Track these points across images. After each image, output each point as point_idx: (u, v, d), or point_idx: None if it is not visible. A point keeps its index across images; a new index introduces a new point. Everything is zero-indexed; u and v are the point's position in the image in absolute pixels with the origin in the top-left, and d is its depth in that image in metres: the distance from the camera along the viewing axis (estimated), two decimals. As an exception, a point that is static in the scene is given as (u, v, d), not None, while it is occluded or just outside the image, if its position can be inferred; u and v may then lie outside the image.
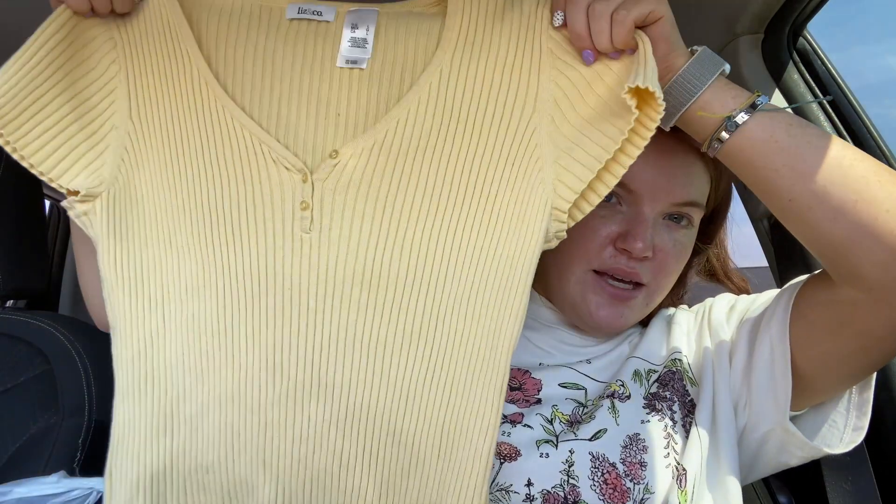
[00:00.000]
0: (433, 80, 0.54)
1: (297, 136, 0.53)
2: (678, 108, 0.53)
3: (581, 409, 0.64)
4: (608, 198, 0.63)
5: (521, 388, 0.65)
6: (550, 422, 0.62)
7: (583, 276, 0.67)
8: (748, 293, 0.74)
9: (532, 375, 0.66)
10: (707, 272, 0.78)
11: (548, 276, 0.70)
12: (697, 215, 0.69)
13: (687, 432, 0.63)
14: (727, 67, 0.53)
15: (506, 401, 0.63)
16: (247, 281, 0.51)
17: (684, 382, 0.67)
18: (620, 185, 0.61)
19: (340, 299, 0.50)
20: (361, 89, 0.54)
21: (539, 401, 0.64)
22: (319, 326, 0.50)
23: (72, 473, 0.73)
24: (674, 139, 0.62)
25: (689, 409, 0.65)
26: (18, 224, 0.92)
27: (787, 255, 0.86)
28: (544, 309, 0.72)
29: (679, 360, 0.68)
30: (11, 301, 1.03)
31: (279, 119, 0.54)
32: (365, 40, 0.55)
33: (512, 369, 0.66)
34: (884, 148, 0.82)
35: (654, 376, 0.67)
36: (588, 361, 0.69)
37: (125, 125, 0.56)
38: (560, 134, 0.54)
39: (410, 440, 0.51)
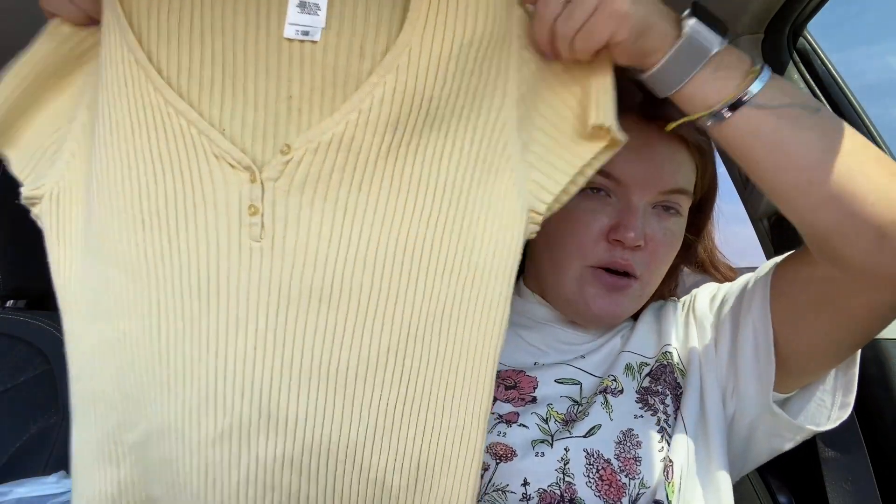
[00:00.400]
0: (401, 61, 0.45)
1: (244, 126, 0.45)
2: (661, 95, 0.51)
3: (576, 406, 0.64)
4: (597, 190, 0.65)
5: (517, 386, 0.65)
6: (546, 421, 0.62)
7: (579, 272, 0.66)
8: None
9: (527, 374, 0.66)
10: (696, 264, 0.77)
11: (542, 273, 0.70)
12: (686, 203, 0.68)
13: (684, 426, 0.63)
14: (715, 50, 0.48)
15: (501, 400, 0.63)
16: (185, 297, 0.44)
17: (675, 375, 0.66)
18: (608, 176, 0.63)
19: (296, 318, 0.43)
20: (315, 67, 0.45)
21: (535, 399, 0.64)
22: (270, 350, 0.43)
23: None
24: (658, 127, 0.61)
25: (680, 397, 0.65)
26: (18, 224, 0.92)
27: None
28: (538, 306, 0.72)
29: (669, 352, 0.68)
30: (11, 301, 1.03)
31: (222, 105, 0.45)
32: (317, 5, 0.45)
33: (507, 369, 0.66)
34: (883, 148, 0.82)
35: (646, 370, 0.67)
36: (582, 357, 0.69)
37: (80, 115, 0.50)
38: (527, 130, 0.49)
39: (382, 476, 0.45)
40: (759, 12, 0.82)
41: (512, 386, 0.65)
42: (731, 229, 0.81)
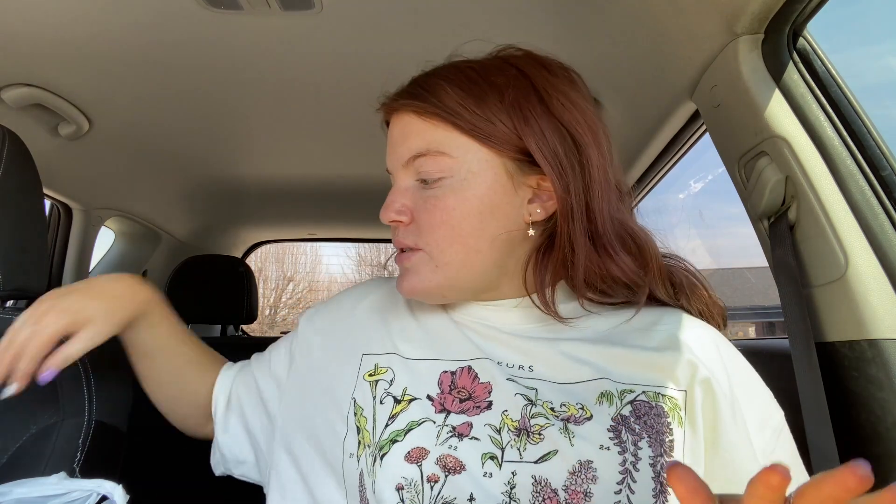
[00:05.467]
0: None
1: None
2: None
3: (530, 407, 0.60)
4: None
5: (472, 396, 0.63)
6: (498, 431, 0.59)
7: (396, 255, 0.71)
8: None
9: (480, 380, 0.64)
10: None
11: None
12: (440, 163, 0.65)
13: (658, 476, 0.57)
14: None
15: (455, 412, 0.61)
16: None
17: (668, 419, 0.59)
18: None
19: None
20: None
21: (490, 405, 0.61)
22: None
23: (72, 474, 0.73)
24: (387, 112, 0.70)
25: (668, 449, 0.58)
26: (18, 224, 0.92)
27: (784, 256, 0.86)
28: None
29: (671, 396, 0.61)
30: (11, 301, 1.03)
31: None
32: None
33: (464, 374, 0.64)
34: (883, 148, 0.82)
35: (629, 397, 0.60)
36: (531, 368, 0.65)
37: None
38: None
39: None
40: (759, 12, 0.82)
41: (467, 398, 0.63)
42: (732, 229, 0.81)
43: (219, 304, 2.03)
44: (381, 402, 0.64)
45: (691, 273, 0.72)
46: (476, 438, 0.59)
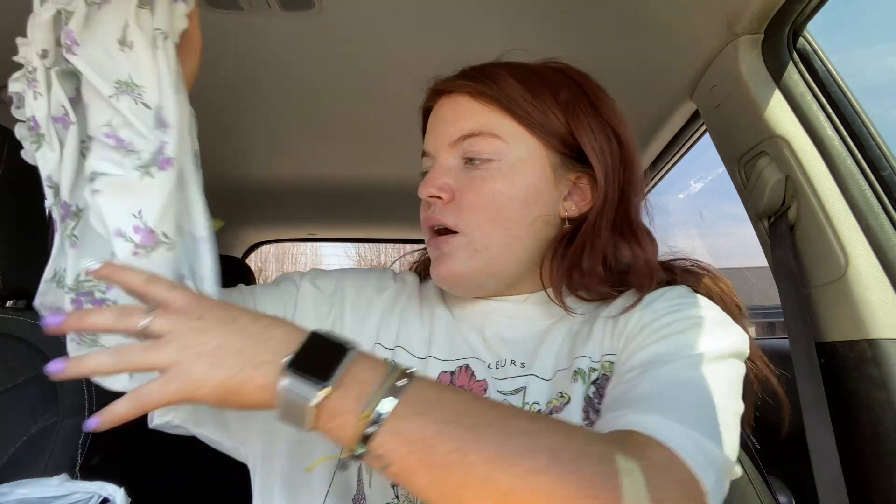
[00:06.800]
0: None
1: None
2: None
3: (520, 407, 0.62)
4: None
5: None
6: None
7: (428, 239, 0.70)
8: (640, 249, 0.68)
9: (476, 377, 0.65)
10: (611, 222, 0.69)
11: None
12: (492, 144, 0.66)
13: None
14: (314, 402, 0.42)
15: None
16: None
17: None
18: (425, 154, 0.71)
19: None
20: None
21: None
22: None
23: (72, 474, 0.73)
24: (437, 92, 0.71)
25: None
26: (18, 224, 0.91)
27: (784, 256, 0.86)
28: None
29: (613, 361, 0.61)
30: (11, 301, 1.03)
31: None
32: None
33: (461, 373, 0.65)
34: (884, 148, 0.82)
35: (594, 376, 0.61)
36: (522, 364, 0.66)
37: None
38: None
39: None
40: (759, 12, 0.82)
41: None
42: (731, 229, 0.81)
43: (219, 304, 2.02)
44: None
45: (695, 265, 0.70)
46: None
